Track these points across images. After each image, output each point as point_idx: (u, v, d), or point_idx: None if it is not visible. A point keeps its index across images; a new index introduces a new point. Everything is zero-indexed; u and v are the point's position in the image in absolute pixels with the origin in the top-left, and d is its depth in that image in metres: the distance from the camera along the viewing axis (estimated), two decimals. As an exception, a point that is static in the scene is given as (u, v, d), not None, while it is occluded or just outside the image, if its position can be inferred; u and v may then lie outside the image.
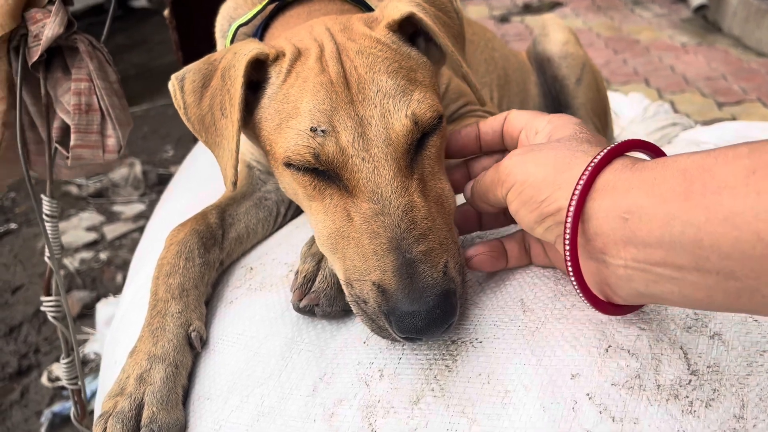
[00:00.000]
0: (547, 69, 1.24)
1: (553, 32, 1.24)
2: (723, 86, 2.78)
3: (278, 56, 0.62)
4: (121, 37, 4.50)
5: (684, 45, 3.30)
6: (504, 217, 0.65)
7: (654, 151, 0.51)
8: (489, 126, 0.64)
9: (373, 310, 0.54)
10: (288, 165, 0.60)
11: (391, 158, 0.56)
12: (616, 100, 1.73)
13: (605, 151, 0.47)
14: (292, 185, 0.62)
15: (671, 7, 3.90)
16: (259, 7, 0.77)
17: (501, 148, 0.65)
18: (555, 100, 1.26)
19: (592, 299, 0.49)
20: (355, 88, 0.58)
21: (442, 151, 0.63)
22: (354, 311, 0.57)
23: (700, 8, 3.59)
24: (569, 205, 0.46)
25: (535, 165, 0.51)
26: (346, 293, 0.58)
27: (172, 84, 0.66)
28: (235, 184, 0.62)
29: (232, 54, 0.63)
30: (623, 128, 1.58)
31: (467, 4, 4.35)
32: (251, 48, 0.61)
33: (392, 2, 0.65)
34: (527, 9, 4.09)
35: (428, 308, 0.51)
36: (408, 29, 0.65)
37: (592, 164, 0.46)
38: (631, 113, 1.67)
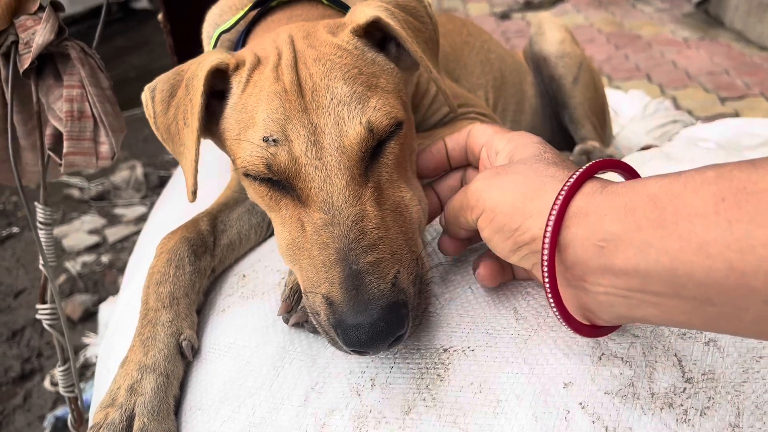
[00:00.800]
0: (543, 69, 1.23)
1: (549, 31, 1.23)
2: (726, 81, 2.77)
3: (238, 65, 0.62)
4: (121, 39, 4.51)
5: (686, 40, 3.28)
6: None
7: (626, 170, 0.50)
8: (455, 141, 0.63)
9: (324, 322, 0.53)
10: (246, 175, 0.59)
11: (344, 167, 0.56)
12: (615, 97, 1.72)
13: (575, 176, 0.46)
14: (253, 196, 0.62)
15: (673, 2, 3.88)
16: (242, 13, 0.76)
17: (466, 163, 0.64)
18: (552, 100, 1.25)
19: (575, 326, 0.48)
20: (309, 95, 0.57)
21: (402, 158, 0.62)
22: (313, 322, 0.57)
23: (702, 3, 3.57)
24: (544, 236, 0.45)
25: (502, 191, 0.50)
26: (305, 304, 0.57)
27: (145, 94, 0.67)
28: (194, 194, 0.62)
29: (196, 64, 0.63)
30: (623, 126, 1.57)
31: (468, 1, 4.33)
32: (213, 58, 0.61)
33: (359, 7, 0.64)
34: (528, 6, 4.08)
35: (372, 321, 0.50)
36: (376, 35, 0.64)
37: (564, 190, 0.45)
38: (631, 111, 1.66)
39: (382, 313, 0.50)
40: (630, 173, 0.50)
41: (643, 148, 1.20)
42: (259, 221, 0.81)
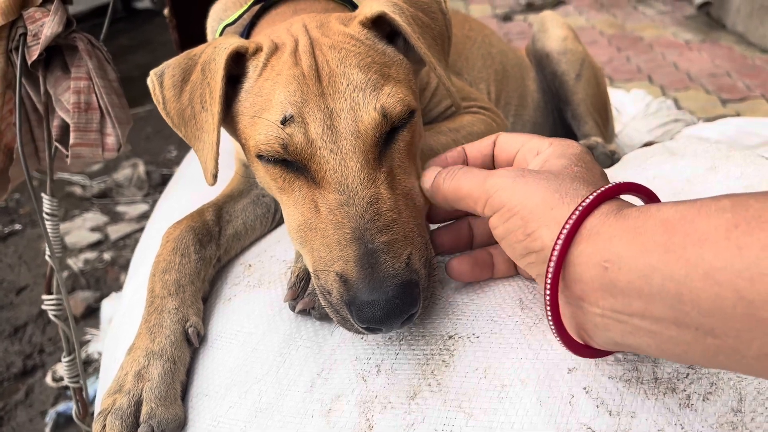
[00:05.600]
0: (546, 65, 1.24)
1: (552, 28, 1.23)
2: (727, 83, 2.77)
3: (257, 50, 0.63)
4: (124, 38, 4.52)
5: (688, 42, 3.29)
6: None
7: (646, 194, 0.49)
8: (476, 149, 0.63)
9: (336, 300, 0.54)
10: (259, 157, 0.60)
11: (359, 150, 0.57)
12: (617, 96, 1.73)
13: (593, 195, 0.45)
14: (265, 178, 0.63)
15: (674, 4, 3.90)
16: (245, 6, 0.77)
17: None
18: (555, 97, 1.25)
19: (568, 342, 0.47)
20: (326, 81, 0.59)
21: (413, 145, 0.63)
22: (322, 303, 0.57)
23: (704, 5, 3.58)
24: (553, 249, 0.45)
25: (524, 194, 0.49)
26: (314, 284, 0.58)
27: (151, 80, 0.66)
28: (215, 177, 0.62)
29: (212, 48, 0.63)
30: (625, 125, 1.58)
31: (470, 2, 4.34)
32: (231, 42, 0.62)
33: (369, 1, 0.65)
34: (530, 7, 4.09)
35: (387, 298, 0.51)
36: (385, 28, 0.66)
37: (580, 208, 0.45)
38: (633, 110, 1.67)
39: (397, 290, 0.51)
40: (651, 198, 0.49)
41: (646, 145, 1.21)
42: (264, 212, 0.82)
